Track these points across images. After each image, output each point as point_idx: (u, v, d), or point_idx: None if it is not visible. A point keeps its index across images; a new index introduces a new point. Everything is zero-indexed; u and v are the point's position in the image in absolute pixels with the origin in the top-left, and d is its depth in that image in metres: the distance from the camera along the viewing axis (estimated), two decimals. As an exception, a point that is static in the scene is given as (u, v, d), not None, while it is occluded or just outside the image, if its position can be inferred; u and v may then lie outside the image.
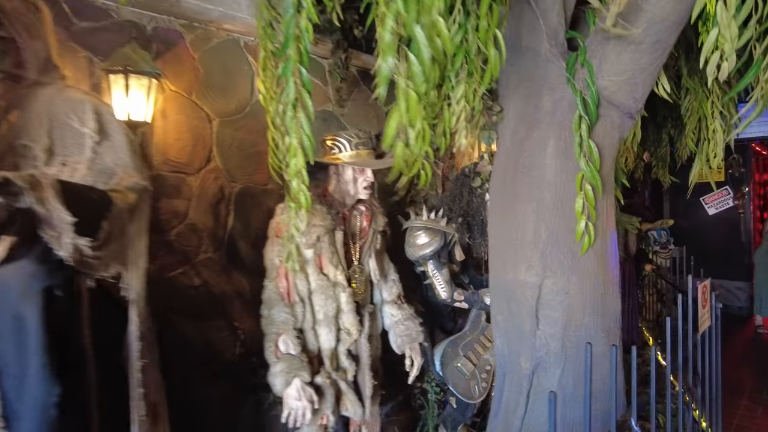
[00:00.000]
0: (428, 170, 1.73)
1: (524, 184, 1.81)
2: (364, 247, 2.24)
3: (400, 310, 2.37)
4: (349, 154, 2.10)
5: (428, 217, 2.62)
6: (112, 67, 1.94)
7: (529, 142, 1.80)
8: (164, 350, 1.78)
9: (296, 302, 2.03)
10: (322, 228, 2.03)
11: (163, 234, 2.26)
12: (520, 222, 1.81)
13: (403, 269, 2.50)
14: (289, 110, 1.84)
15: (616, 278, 1.85)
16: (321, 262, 2.08)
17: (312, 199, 2.11)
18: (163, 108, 2.24)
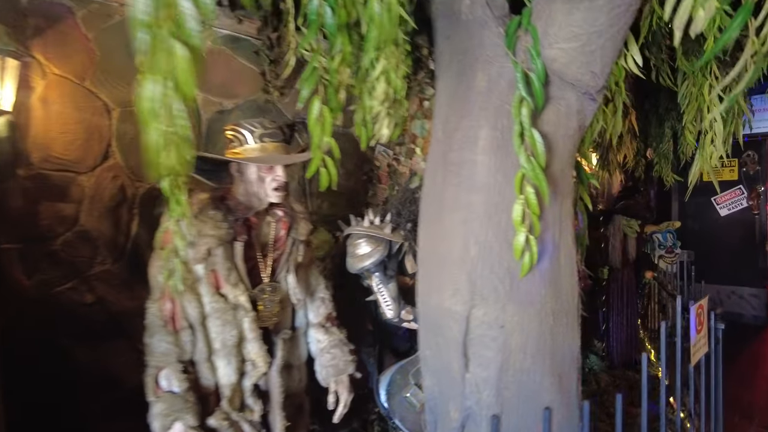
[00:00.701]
0: (331, 168, 1.36)
1: (452, 185, 1.42)
2: (280, 260, 1.87)
3: (327, 335, 1.99)
4: (251, 147, 1.72)
5: (371, 223, 2.24)
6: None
7: (458, 133, 1.41)
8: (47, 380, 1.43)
9: (183, 329, 1.66)
10: (213, 239, 1.66)
11: (44, 243, 1.91)
12: (447, 234, 1.42)
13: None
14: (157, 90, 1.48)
15: (572, 308, 1.44)
16: (217, 280, 1.71)
17: (204, 203, 1.75)
18: (44, 95, 1.89)
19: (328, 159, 1.39)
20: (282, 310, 1.89)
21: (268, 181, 1.75)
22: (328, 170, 1.38)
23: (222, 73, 2.30)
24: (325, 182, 1.38)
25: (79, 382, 1.95)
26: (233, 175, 1.78)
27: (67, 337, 1.95)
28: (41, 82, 1.85)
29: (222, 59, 2.32)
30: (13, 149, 1.80)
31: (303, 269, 1.98)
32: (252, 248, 1.79)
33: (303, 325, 2.00)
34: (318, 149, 1.36)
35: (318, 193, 2.75)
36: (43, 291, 1.89)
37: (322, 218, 2.76)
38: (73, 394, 1.92)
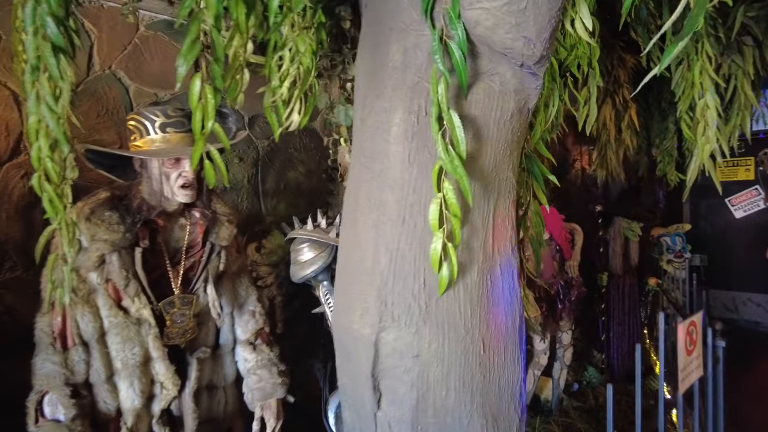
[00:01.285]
0: (218, 160, 1.14)
1: (365, 182, 1.17)
2: (196, 268, 1.63)
3: (255, 354, 1.75)
4: (152, 138, 1.49)
5: (315, 226, 1.99)
6: None
7: (371, 118, 1.16)
8: None
9: (74, 347, 1.44)
10: (106, 244, 1.43)
11: (-60, 248, 1.71)
12: (359, 240, 1.17)
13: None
14: (27, 73, 1.28)
15: (513, 334, 1.18)
16: (116, 291, 1.48)
17: (99, 202, 1.52)
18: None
19: (213, 150, 1.15)
20: (199, 325, 1.65)
21: (174, 178, 1.52)
22: (214, 163, 1.15)
23: (157, 62, 2.09)
24: (211, 177, 1.14)
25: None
26: (137, 172, 1.55)
27: (-31, 351, 1.75)
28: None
29: (157, 46, 2.10)
30: None
31: (228, 279, 1.75)
32: (158, 255, 1.56)
33: (229, 341, 1.77)
34: (201, 137, 1.13)
35: (274, 193, 2.52)
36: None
37: (278, 220, 2.52)
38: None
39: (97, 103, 1.99)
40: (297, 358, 2.58)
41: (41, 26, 1.24)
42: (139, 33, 2.09)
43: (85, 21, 1.98)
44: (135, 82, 2.08)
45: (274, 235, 2.47)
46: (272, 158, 2.49)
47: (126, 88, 2.06)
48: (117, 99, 2.03)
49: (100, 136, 2.00)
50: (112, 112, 2.03)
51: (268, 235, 2.47)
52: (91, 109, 1.98)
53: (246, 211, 2.43)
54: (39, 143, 1.27)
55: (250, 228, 2.43)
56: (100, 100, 1.99)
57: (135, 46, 2.09)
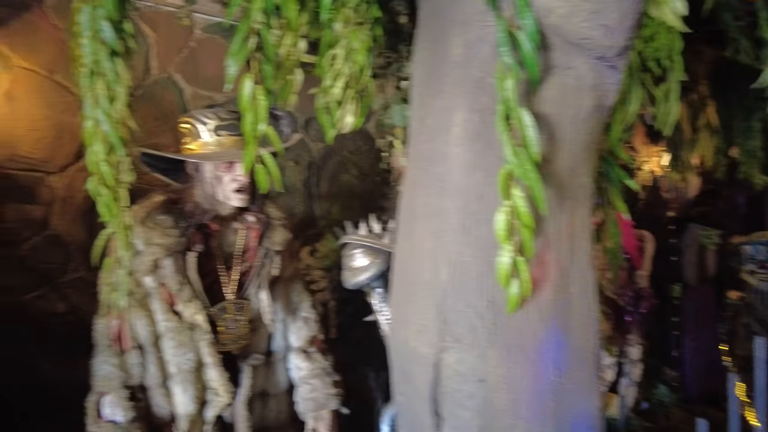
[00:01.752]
0: (270, 164, 1.09)
1: (423, 187, 1.08)
2: (250, 274, 1.60)
3: (309, 362, 1.70)
4: (205, 142, 1.47)
5: (369, 231, 1.92)
6: None
7: (430, 119, 1.07)
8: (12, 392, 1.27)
9: (131, 350, 1.44)
10: (160, 248, 1.42)
11: (10, 248, 1.78)
12: (417, 251, 1.08)
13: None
14: (84, 77, 1.28)
15: (588, 358, 1.06)
16: (170, 296, 1.47)
17: (154, 206, 1.52)
18: (9, 89, 1.75)
19: (265, 154, 1.10)
20: (252, 331, 1.63)
21: (227, 182, 1.49)
22: (267, 167, 1.10)
23: (213, 65, 2.10)
24: (262, 182, 1.10)
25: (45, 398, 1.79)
26: (191, 175, 1.54)
27: (36, 349, 1.80)
28: (6, 76, 1.72)
29: (212, 49, 2.11)
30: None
31: (282, 284, 1.71)
32: (212, 259, 1.54)
33: (282, 348, 1.73)
34: (252, 140, 1.08)
35: (327, 196, 2.48)
36: (8, 299, 1.76)
37: (331, 223, 2.49)
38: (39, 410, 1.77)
39: (155, 107, 2.02)
40: (350, 365, 2.53)
41: (97, 30, 1.23)
42: (195, 36, 2.11)
43: (142, 24, 2.01)
44: (191, 85, 2.10)
45: (327, 238, 2.43)
46: (326, 161, 2.45)
47: (181, 91, 2.08)
48: (173, 102, 2.05)
49: (157, 140, 2.02)
50: (168, 116, 2.05)
51: (322, 239, 2.43)
52: (149, 113, 2.01)
53: (300, 215, 2.41)
54: (95, 147, 1.27)
55: (304, 231, 2.41)
56: (157, 103, 2.02)
57: (191, 49, 2.10)
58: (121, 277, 1.35)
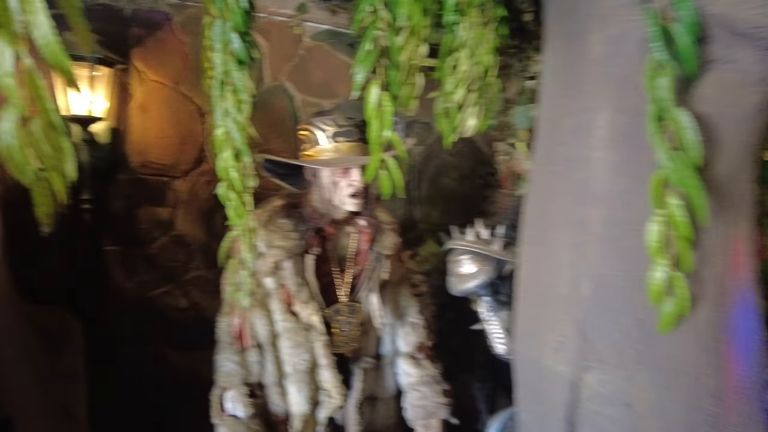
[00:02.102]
0: (393, 170, 1.09)
1: (559, 194, 1.02)
2: (361, 277, 1.62)
3: (418, 369, 1.69)
4: (323, 148, 1.50)
5: (477, 237, 1.87)
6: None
7: (567, 120, 1.01)
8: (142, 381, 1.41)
9: (251, 348, 1.50)
10: (282, 250, 1.47)
11: (142, 247, 1.93)
12: (552, 262, 1.02)
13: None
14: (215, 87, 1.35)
15: (750, 385, 0.94)
16: (288, 296, 1.52)
17: (275, 210, 1.57)
18: (142, 101, 1.90)
19: (388, 160, 1.10)
20: (363, 334, 1.64)
21: (343, 187, 1.51)
22: (390, 173, 1.09)
23: (321, 72, 2.15)
24: (387, 187, 1.10)
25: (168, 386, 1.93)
26: (309, 181, 1.58)
27: (162, 340, 1.95)
28: (139, 89, 1.87)
29: (321, 56, 2.16)
30: (114, 155, 1.84)
31: (390, 288, 1.71)
32: (327, 262, 1.57)
33: (390, 353, 1.73)
34: (377, 147, 1.08)
35: (427, 200, 2.45)
36: (140, 294, 1.91)
37: (430, 227, 2.46)
38: (163, 395, 1.91)
39: (267, 114, 2.10)
40: (450, 373, 2.48)
41: (227, 42, 1.28)
42: (304, 44, 2.17)
43: (256, 35, 2.09)
44: (301, 93, 2.16)
45: (427, 242, 2.41)
46: (426, 164, 2.43)
47: (292, 98, 2.15)
48: (284, 109, 2.12)
49: (270, 146, 2.11)
50: (279, 123, 2.13)
51: (422, 243, 2.41)
52: (263, 120, 2.10)
53: (400, 218, 2.41)
54: (225, 154, 1.34)
55: (404, 235, 2.40)
56: (269, 111, 2.10)
57: (300, 58, 2.17)
58: (244, 277, 1.42)
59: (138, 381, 1.88)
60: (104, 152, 1.81)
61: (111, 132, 1.83)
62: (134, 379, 1.87)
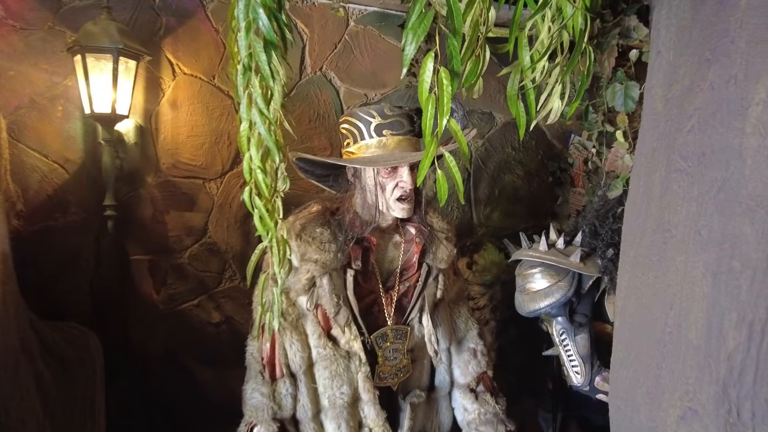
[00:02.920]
0: (452, 167, 0.86)
1: (686, 201, 0.73)
2: (411, 295, 1.37)
3: (478, 405, 1.42)
4: (367, 144, 1.26)
5: (551, 246, 1.57)
6: (71, 46, 1.50)
7: (698, 97, 0.71)
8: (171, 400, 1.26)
9: (282, 378, 1.29)
10: (317, 265, 1.24)
11: (172, 256, 1.77)
12: (676, 296, 0.73)
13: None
14: (239, 73, 1.15)
15: None
16: (326, 319, 1.30)
17: (311, 218, 1.35)
18: (173, 96, 1.74)
19: (446, 155, 0.85)
20: (413, 363, 1.39)
21: (390, 189, 1.27)
22: (450, 170, 0.85)
23: (367, 60, 1.91)
24: (443, 191, 0.86)
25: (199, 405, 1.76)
26: (350, 182, 1.35)
27: (192, 357, 1.78)
28: (171, 83, 1.71)
29: (367, 42, 1.93)
30: (143, 155, 1.69)
31: (445, 308, 1.45)
32: (371, 278, 1.33)
33: (446, 384, 1.47)
34: (432, 139, 0.84)
35: (488, 200, 2.17)
36: (170, 306, 1.75)
37: (491, 231, 2.17)
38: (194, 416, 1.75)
39: (309, 108, 1.89)
40: (510, 394, 2.20)
41: (253, 20, 1.07)
42: (349, 29, 1.94)
43: (297, 22, 1.89)
44: (345, 83, 1.94)
45: (487, 249, 2.12)
46: (486, 160, 2.14)
47: (336, 90, 1.93)
48: (327, 102, 1.91)
49: (311, 143, 1.90)
50: (323, 117, 1.91)
51: (481, 250, 2.13)
52: (303, 114, 1.89)
53: (456, 222, 2.14)
54: (250, 152, 1.13)
55: (461, 241, 2.13)
56: (311, 104, 1.89)
57: (345, 44, 1.94)
58: (274, 296, 1.21)
59: (165, 402, 1.73)
60: (131, 153, 1.67)
61: (138, 130, 1.68)
62: (161, 401, 1.72)
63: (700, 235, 0.69)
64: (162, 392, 1.74)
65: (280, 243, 1.18)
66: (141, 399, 1.70)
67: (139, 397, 1.70)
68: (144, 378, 1.72)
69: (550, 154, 2.19)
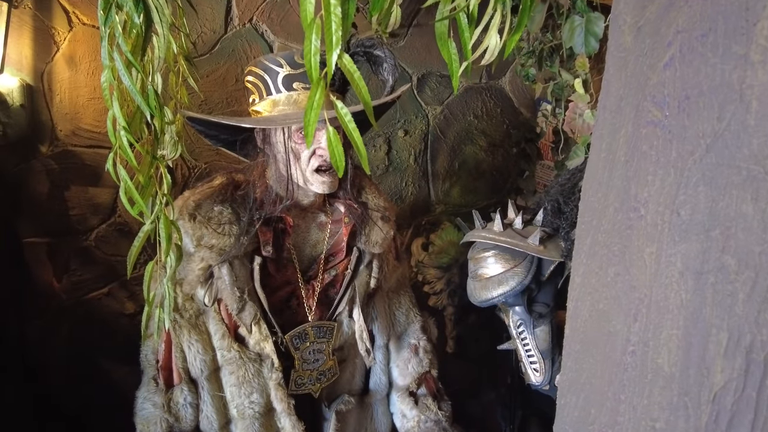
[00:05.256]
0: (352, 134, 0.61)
1: (659, 164, 0.51)
2: (339, 285, 1.15)
3: (417, 410, 1.23)
4: (274, 99, 1.02)
5: (504, 226, 1.37)
6: None
7: (681, 16, 0.49)
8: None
9: (179, 385, 1.07)
10: (213, 251, 1.02)
11: (75, 238, 1.52)
12: (641, 296, 0.52)
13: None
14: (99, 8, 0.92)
15: None
16: (229, 315, 1.07)
17: (208, 193, 1.11)
18: (70, 52, 1.47)
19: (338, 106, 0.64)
20: (341, 363, 1.19)
21: (306, 158, 1.04)
22: (345, 128, 0.64)
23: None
24: (338, 157, 0.64)
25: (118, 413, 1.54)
26: (259, 149, 1.11)
27: (104, 354, 1.55)
28: (66, 35, 1.44)
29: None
30: (33, 120, 1.42)
31: (382, 299, 1.25)
32: (287, 267, 1.11)
33: (382, 385, 1.27)
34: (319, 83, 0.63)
35: (446, 174, 1.95)
36: (75, 296, 1.51)
37: (451, 210, 1.96)
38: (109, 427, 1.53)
39: (236, 66, 1.63)
40: (470, 386, 2.03)
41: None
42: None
43: (222, -37, 1.61)
44: (280, 38, 1.68)
45: (445, 229, 1.91)
46: (445, 129, 1.92)
47: (270, 45, 1.67)
48: (259, 59, 1.65)
49: (239, 106, 1.64)
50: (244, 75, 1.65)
51: (438, 229, 1.92)
52: (229, 73, 1.63)
53: (411, 198, 1.92)
54: (114, 109, 0.90)
55: (416, 219, 1.92)
56: (239, 61, 1.63)
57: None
58: (165, 288, 0.98)
59: (74, 406, 1.50)
60: (17, 117, 1.40)
61: (26, 90, 1.41)
62: (69, 404, 1.49)
63: (679, 216, 0.48)
64: (68, 395, 1.51)
65: (165, 225, 0.96)
66: (35, 407, 1.47)
67: (30, 406, 1.46)
68: (43, 381, 1.49)
69: (516, 122, 1.97)
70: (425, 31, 1.83)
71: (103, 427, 1.53)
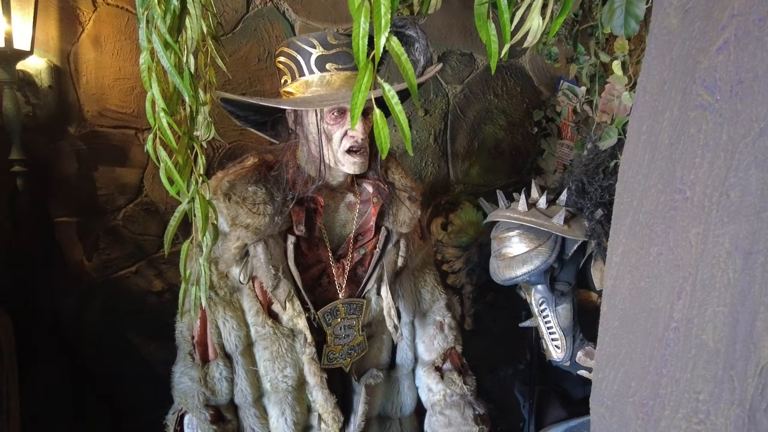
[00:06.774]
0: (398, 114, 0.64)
1: (708, 147, 0.52)
2: (367, 264, 1.18)
3: (443, 385, 1.26)
4: (307, 80, 1.03)
5: (531, 206, 1.38)
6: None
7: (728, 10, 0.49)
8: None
9: (215, 360, 1.11)
10: (248, 231, 1.04)
11: (103, 217, 1.55)
12: (685, 275, 0.54)
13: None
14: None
15: None
16: (263, 292, 1.10)
17: (242, 173, 1.13)
18: (95, 32, 1.48)
19: (386, 89, 0.64)
20: (370, 339, 1.22)
21: (338, 138, 1.05)
22: (392, 110, 0.64)
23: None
24: (384, 139, 0.66)
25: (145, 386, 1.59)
26: (291, 130, 1.12)
27: (133, 330, 1.60)
28: (91, 15, 1.44)
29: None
30: (61, 101, 1.44)
31: (409, 277, 1.28)
32: (318, 245, 1.14)
33: (408, 361, 1.31)
34: (368, 66, 0.64)
35: (466, 154, 1.96)
36: (104, 274, 1.55)
37: (470, 189, 1.97)
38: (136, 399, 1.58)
39: (258, 45, 1.63)
40: (487, 362, 2.07)
41: None
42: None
43: (245, -58, 1.60)
44: (301, 16, 1.67)
45: (464, 208, 1.93)
46: (465, 108, 1.92)
47: (291, 24, 1.67)
48: (280, 39, 1.65)
49: (261, 86, 1.65)
50: (275, 56, 1.66)
51: (458, 209, 1.94)
52: (251, 53, 1.63)
53: (431, 178, 1.93)
54: (152, 90, 0.90)
55: (436, 199, 1.93)
56: (260, 41, 1.63)
57: (301, -30, 1.66)
58: (201, 266, 1.01)
59: (103, 381, 1.55)
60: (45, 98, 1.42)
61: (53, 72, 1.42)
62: (99, 375, 1.55)
63: (728, 198, 0.49)
64: (101, 368, 1.56)
65: (201, 204, 0.99)
66: (71, 382, 1.53)
67: (68, 380, 1.52)
68: (77, 357, 1.54)
69: (536, 102, 1.96)
70: (445, 10, 1.81)
71: (133, 398, 1.59)
